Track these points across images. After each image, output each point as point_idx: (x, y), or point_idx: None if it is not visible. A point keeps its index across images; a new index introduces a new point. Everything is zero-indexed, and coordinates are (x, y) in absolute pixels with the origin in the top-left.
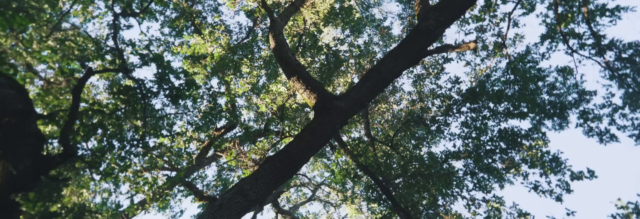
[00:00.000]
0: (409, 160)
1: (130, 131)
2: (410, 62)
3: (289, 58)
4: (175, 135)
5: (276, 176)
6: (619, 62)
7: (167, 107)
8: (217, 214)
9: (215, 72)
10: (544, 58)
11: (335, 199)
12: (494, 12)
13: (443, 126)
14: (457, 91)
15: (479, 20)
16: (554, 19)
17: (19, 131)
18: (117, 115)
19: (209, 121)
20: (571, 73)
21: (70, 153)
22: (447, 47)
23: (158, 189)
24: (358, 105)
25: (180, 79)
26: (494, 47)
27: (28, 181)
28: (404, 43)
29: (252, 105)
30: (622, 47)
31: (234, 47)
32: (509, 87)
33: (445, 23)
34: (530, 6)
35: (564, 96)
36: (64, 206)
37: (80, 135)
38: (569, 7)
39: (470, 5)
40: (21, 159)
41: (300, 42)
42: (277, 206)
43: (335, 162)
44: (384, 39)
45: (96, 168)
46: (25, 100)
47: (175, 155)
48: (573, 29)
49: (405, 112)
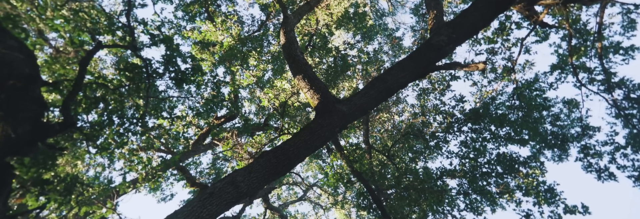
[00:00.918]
0: (404, 172)
1: (131, 109)
2: (417, 75)
3: (297, 56)
4: (175, 118)
5: (270, 172)
6: (627, 101)
7: (170, 90)
8: (207, 202)
9: (223, 61)
10: (551, 88)
11: (325, 202)
12: (507, 36)
13: (442, 143)
14: (460, 109)
15: (491, 42)
16: (566, 50)
17: (23, 95)
18: (120, 92)
19: (210, 108)
20: (577, 107)
21: (69, 123)
22: (456, 64)
23: (151, 170)
24: (360, 111)
25: (187, 63)
26: (503, 70)
27: (25, 146)
28: (413, 55)
29: (255, 98)
30: (632, 86)
31: (244, 38)
32: (512, 112)
33: (457, 40)
34: (544, 35)
35: (567, 128)
36: (57, 175)
37: (81, 107)
38: (583, 40)
39: (484, 26)
40: (21, 123)
41: (310, 41)
42: (267, 201)
43: (330, 165)
44: (394, 49)
45: (93, 141)
46: (32, 65)
47: (172, 137)
48: (584, 63)
49: (405, 124)
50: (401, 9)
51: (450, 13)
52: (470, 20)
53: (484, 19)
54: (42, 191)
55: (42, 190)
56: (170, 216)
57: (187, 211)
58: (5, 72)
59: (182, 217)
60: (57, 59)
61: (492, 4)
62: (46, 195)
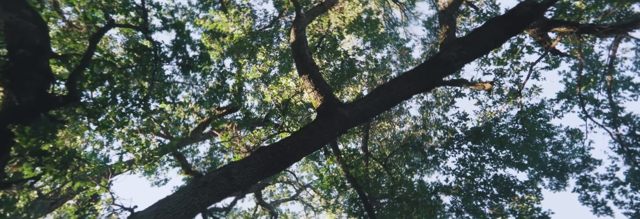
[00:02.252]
0: (399, 183)
1: (135, 91)
2: (423, 88)
3: (305, 55)
4: (178, 103)
5: (265, 167)
6: (631, 137)
7: (176, 75)
8: (200, 190)
9: (231, 53)
10: (556, 116)
11: (317, 204)
12: (517, 59)
13: (440, 159)
14: (462, 127)
15: (501, 64)
16: (575, 79)
17: (31, 65)
18: (126, 72)
19: (213, 98)
20: (580, 137)
21: (73, 97)
22: (462, 81)
23: (148, 153)
24: (361, 117)
25: (196, 51)
26: (509, 93)
27: (27, 115)
28: (420, 67)
29: (259, 93)
30: (638, 123)
31: (254, 32)
32: (514, 136)
33: (466, 58)
34: (554, 62)
35: (568, 158)
36: (55, 148)
37: (87, 83)
38: (593, 71)
39: (495, 47)
40: (26, 92)
41: (320, 43)
42: (260, 197)
43: (326, 168)
44: (402, 59)
45: (95, 118)
46: (44, 36)
47: (173, 123)
48: (592, 94)
49: (406, 135)
50: (414, 21)
51: (462, 30)
52: (482, 39)
53: (495, 40)
54: (39, 162)
55: (39, 161)
56: (162, 201)
57: (179, 198)
58: (16, 40)
59: (174, 203)
60: (68, 33)
61: (505, 26)
62: (42, 166)
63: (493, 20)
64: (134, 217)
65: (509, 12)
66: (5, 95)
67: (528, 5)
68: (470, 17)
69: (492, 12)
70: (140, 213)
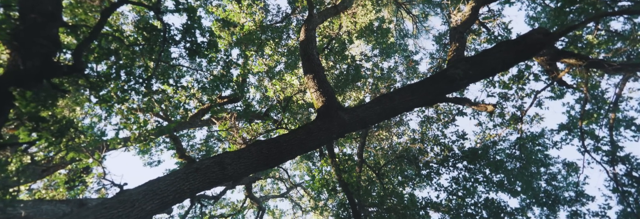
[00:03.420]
0: (390, 193)
1: (140, 69)
2: (425, 102)
3: (312, 55)
4: (180, 87)
5: (259, 161)
6: (627, 178)
7: (182, 59)
8: (191, 176)
9: (239, 43)
10: (554, 147)
11: (306, 204)
12: (522, 85)
13: (434, 174)
14: (459, 146)
15: (506, 88)
16: (578, 113)
17: (40, 31)
18: (133, 49)
19: (216, 86)
20: (576, 171)
21: (78, 68)
22: (465, 100)
23: (145, 132)
24: (361, 123)
25: (205, 37)
26: (511, 118)
27: (30, 80)
28: (425, 81)
29: (262, 87)
30: (636, 165)
31: (265, 26)
32: (510, 161)
33: (472, 77)
34: (560, 93)
35: (562, 190)
36: (53, 115)
37: (93, 56)
38: (597, 107)
39: (502, 70)
40: (32, 57)
41: (328, 44)
42: (250, 190)
43: (319, 169)
44: (408, 71)
45: (96, 91)
46: (56, 4)
47: (173, 105)
48: (593, 130)
49: (402, 147)
50: (425, 34)
51: (472, 49)
52: (490, 60)
53: (503, 63)
54: (36, 128)
55: (36, 126)
56: (153, 181)
57: (170, 181)
58: (29, 5)
59: (164, 185)
60: (81, 4)
61: (515, 50)
62: (39, 132)
63: (503, 43)
64: (123, 194)
65: (520, 37)
66: (11, 57)
67: (540, 32)
68: (481, 37)
69: (503, 35)
70: (129, 191)
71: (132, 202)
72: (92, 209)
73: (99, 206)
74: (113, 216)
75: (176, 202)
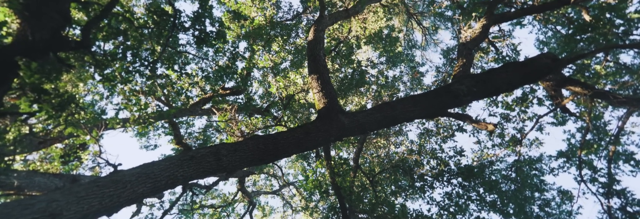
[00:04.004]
0: (382, 202)
1: (147, 52)
2: (426, 114)
3: (319, 56)
4: (185, 74)
5: (254, 156)
6: (621, 212)
7: (189, 46)
8: (185, 164)
9: (247, 37)
10: (551, 173)
11: (296, 204)
12: (525, 108)
13: (427, 188)
14: (456, 161)
15: (508, 109)
16: (578, 142)
17: (52, 4)
18: (142, 32)
19: (220, 77)
20: (570, 200)
21: (86, 44)
22: (467, 117)
23: (145, 115)
24: (360, 128)
25: (214, 27)
26: (510, 139)
27: (38, 52)
28: (429, 94)
29: (265, 82)
30: (631, 200)
31: (275, 22)
32: (505, 183)
33: (475, 95)
34: (562, 119)
35: (554, 217)
36: (56, 89)
37: (102, 34)
38: (598, 138)
39: (507, 91)
40: (41, 29)
41: (336, 47)
42: (242, 183)
43: (314, 170)
44: (413, 82)
45: (101, 69)
46: None
47: (175, 91)
48: (592, 161)
49: (399, 157)
50: (433, 47)
51: (478, 67)
52: (495, 80)
53: (508, 84)
54: (37, 99)
55: (38, 98)
56: (147, 165)
57: (164, 166)
58: None
59: (158, 170)
60: None
61: (521, 73)
62: (40, 104)
63: (510, 64)
64: (116, 174)
65: (528, 60)
66: (21, 27)
67: (548, 57)
68: (489, 56)
69: (511, 56)
70: (123, 172)
71: (124, 183)
72: (85, 186)
73: (91, 184)
74: (104, 195)
75: (168, 188)
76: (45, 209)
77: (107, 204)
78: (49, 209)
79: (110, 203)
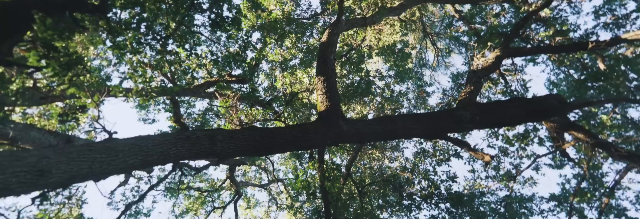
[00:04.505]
0: (367, 214)
1: (161, 27)
2: (426, 135)
3: (329, 59)
4: (194, 54)
5: (249, 146)
6: None
7: (203, 28)
8: (180, 143)
9: (262, 28)
10: (540, 214)
11: (282, 201)
12: (525, 145)
13: (414, 207)
14: (447, 186)
15: (508, 143)
16: (573, 188)
17: None
18: (159, 6)
19: (229, 63)
20: None
21: (102, 9)
22: (465, 144)
23: (148, 87)
24: (357, 137)
25: (231, 13)
26: (505, 174)
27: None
28: (431, 115)
29: (272, 76)
30: None
31: (292, 19)
32: (493, 216)
33: (478, 124)
34: (560, 163)
35: None
36: (66, 48)
37: (120, 1)
38: (593, 188)
39: (509, 125)
40: None
41: (347, 53)
42: (232, 172)
43: (304, 170)
44: (417, 100)
45: (114, 36)
46: None
47: (182, 70)
48: (583, 209)
49: (391, 172)
50: (443, 69)
51: (484, 96)
52: (500, 112)
53: (512, 119)
54: (46, 55)
55: (47, 54)
56: (142, 138)
57: (158, 141)
58: None
59: (151, 144)
60: None
61: (527, 109)
62: (48, 60)
63: (518, 99)
64: (110, 141)
65: (536, 98)
66: None
67: (556, 99)
68: (497, 87)
69: (519, 92)
70: (117, 140)
71: (116, 152)
72: (78, 147)
73: (84, 147)
74: (95, 160)
75: (159, 163)
76: (35, 164)
77: (96, 170)
78: (38, 165)
79: (99, 169)
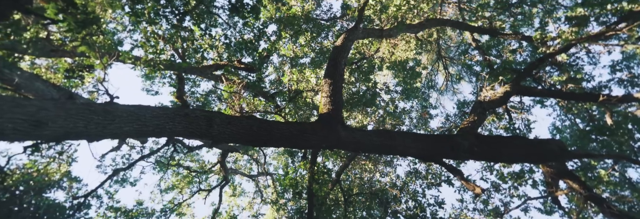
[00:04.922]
0: None
1: (181, 2)
2: (422, 156)
3: (340, 63)
4: (208, 35)
5: (245, 135)
6: None
7: (222, 10)
8: (177, 119)
9: (280, 22)
10: None
11: (267, 195)
12: (518, 185)
13: None
14: (433, 211)
15: (502, 180)
16: None
17: None
18: None
19: (240, 49)
20: None
21: None
22: (458, 172)
23: (157, 59)
24: (353, 145)
25: (251, 0)
26: (493, 209)
27: None
28: (430, 137)
29: (280, 69)
30: None
31: (310, 18)
32: None
33: (474, 155)
34: (550, 209)
35: None
36: (85, 6)
37: None
38: None
39: (506, 162)
40: None
41: (359, 61)
42: (224, 157)
43: (295, 169)
44: (419, 121)
45: (133, 3)
46: None
47: (193, 48)
48: None
49: (381, 187)
50: (451, 95)
51: (487, 129)
52: (499, 148)
53: (510, 156)
54: (64, 10)
55: (65, 8)
56: (142, 107)
57: (157, 114)
58: None
59: (150, 115)
60: None
61: (526, 151)
62: (65, 15)
63: (519, 138)
64: (110, 105)
65: (538, 141)
66: None
67: (558, 145)
68: (500, 122)
69: (521, 131)
70: (117, 105)
71: (114, 116)
72: (78, 105)
73: (84, 106)
74: (92, 120)
75: (153, 136)
76: (33, 114)
77: (91, 131)
78: (37, 115)
79: (94, 130)
